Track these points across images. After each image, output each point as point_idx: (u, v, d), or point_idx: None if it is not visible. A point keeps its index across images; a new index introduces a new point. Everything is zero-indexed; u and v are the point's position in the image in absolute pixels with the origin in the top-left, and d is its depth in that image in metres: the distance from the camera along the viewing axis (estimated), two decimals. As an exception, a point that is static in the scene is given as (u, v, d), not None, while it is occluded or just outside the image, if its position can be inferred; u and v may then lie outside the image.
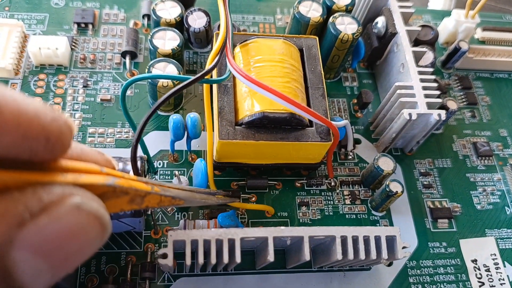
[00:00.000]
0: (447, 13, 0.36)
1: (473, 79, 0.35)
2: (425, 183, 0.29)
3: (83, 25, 0.32)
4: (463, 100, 0.33)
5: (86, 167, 0.13)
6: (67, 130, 0.12)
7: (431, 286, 0.26)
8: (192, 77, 0.23)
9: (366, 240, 0.22)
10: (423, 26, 0.33)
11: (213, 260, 0.20)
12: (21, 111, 0.10)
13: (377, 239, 0.22)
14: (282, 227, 0.21)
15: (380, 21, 0.30)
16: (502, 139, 0.32)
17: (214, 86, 0.25)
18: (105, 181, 0.13)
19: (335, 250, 0.21)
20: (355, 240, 0.21)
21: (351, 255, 0.21)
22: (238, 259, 0.20)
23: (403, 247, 0.22)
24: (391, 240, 0.22)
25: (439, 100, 0.27)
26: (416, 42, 0.32)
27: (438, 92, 0.27)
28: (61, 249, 0.11)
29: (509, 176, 0.30)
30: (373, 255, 0.21)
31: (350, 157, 0.29)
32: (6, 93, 0.10)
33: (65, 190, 0.11)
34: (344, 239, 0.21)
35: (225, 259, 0.20)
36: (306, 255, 0.21)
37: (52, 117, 0.11)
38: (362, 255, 0.21)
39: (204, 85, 0.26)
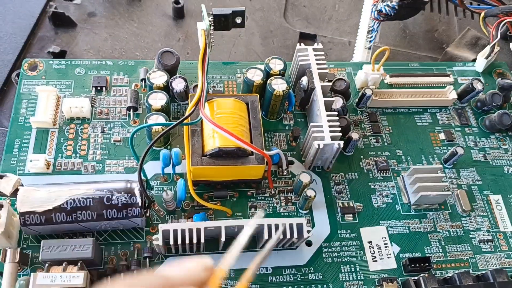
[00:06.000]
0: (362, 65, 0.50)
1: (380, 114, 0.48)
2: (337, 190, 0.42)
3: (99, 88, 0.45)
4: (370, 130, 0.46)
5: None
6: None
7: (338, 259, 0.38)
8: (175, 122, 0.36)
9: (284, 225, 0.34)
10: (338, 79, 0.46)
11: (187, 241, 0.33)
12: None
13: (291, 225, 0.34)
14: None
15: (304, 79, 0.43)
16: (397, 158, 0.45)
17: (189, 130, 0.38)
18: None
19: (263, 234, 0.34)
20: (276, 226, 0.34)
21: (274, 237, 0.34)
22: (202, 240, 0.33)
23: (308, 231, 0.35)
24: (300, 226, 0.35)
25: (339, 134, 0.40)
26: (333, 91, 0.46)
27: (339, 129, 0.40)
28: None
29: (400, 183, 0.43)
30: (288, 235, 0.34)
31: (285, 173, 0.42)
32: None
33: None
34: (269, 226, 0.34)
35: (194, 240, 0.33)
36: (223, 237, 0.33)
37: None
38: (280, 235, 0.34)
39: (185, 128, 0.39)
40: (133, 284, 0.20)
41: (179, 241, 0.33)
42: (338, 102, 0.43)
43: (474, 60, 0.55)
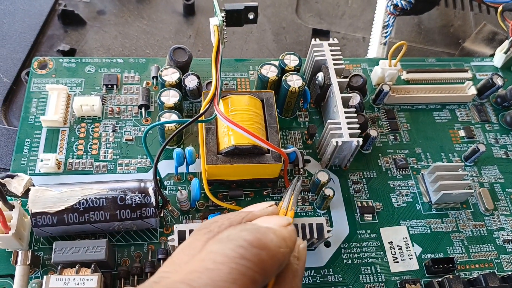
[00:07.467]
0: (377, 61, 0.48)
1: (397, 111, 0.47)
2: (356, 189, 0.41)
3: (109, 86, 0.44)
4: (388, 127, 0.45)
5: None
6: None
7: (358, 260, 0.37)
8: (189, 120, 0.35)
9: (304, 226, 0.33)
10: (355, 75, 0.45)
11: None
12: None
13: (311, 225, 0.33)
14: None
15: (320, 75, 0.42)
16: (417, 155, 0.44)
17: (203, 128, 0.37)
18: None
19: (283, 233, 0.33)
20: (296, 225, 0.33)
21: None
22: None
23: (328, 231, 0.33)
24: (320, 226, 0.33)
25: (358, 131, 0.38)
26: (350, 87, 0.44)
27: (357, 126, 0.38)
28: None
29: (420, 182, 0.42)
30: (308, 235, 0.33)
31: (301, 172, 0.41)
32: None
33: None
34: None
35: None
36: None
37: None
38: (301, 236, 0.33)
39: (199, 126, 0.38)
40: (221, 217, 0.26)
41: (195, 242, 0.32)
42: (355, 99, 0.42)
43: (491, 55, 0.53)
